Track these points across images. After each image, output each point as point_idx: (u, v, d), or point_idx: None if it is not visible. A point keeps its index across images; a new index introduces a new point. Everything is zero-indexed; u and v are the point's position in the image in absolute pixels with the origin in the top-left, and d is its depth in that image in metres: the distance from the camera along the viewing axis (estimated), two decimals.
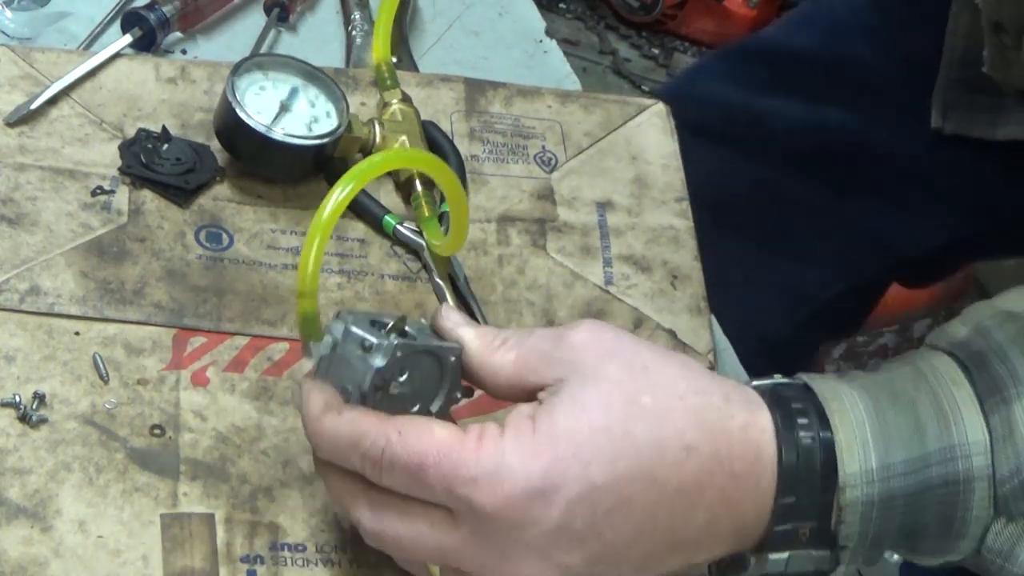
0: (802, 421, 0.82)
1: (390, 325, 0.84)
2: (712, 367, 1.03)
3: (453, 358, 0.85)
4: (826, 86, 1.35)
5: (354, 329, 0.83)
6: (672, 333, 1.04)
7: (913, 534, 0.83)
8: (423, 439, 0.80)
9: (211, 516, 0.89)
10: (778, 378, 0.85)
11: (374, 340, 0.83)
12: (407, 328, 0.84)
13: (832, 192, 1.36)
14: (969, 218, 1.35)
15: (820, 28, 1.39)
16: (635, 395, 0.80)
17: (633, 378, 0.81)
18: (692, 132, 1.19)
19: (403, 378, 0.84)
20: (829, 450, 0.81)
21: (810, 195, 1.36)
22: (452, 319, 0.86)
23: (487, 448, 0.79)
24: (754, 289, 1.14)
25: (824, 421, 0.82)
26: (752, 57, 1.42)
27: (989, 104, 1.25)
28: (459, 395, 0.86)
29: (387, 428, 0.80)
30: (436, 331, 0.86)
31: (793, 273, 1.38)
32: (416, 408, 0.85)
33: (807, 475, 0.81)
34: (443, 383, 0.85)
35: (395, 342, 0.83)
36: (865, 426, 0.82)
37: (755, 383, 0.84)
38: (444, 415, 0.85)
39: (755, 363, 1.10)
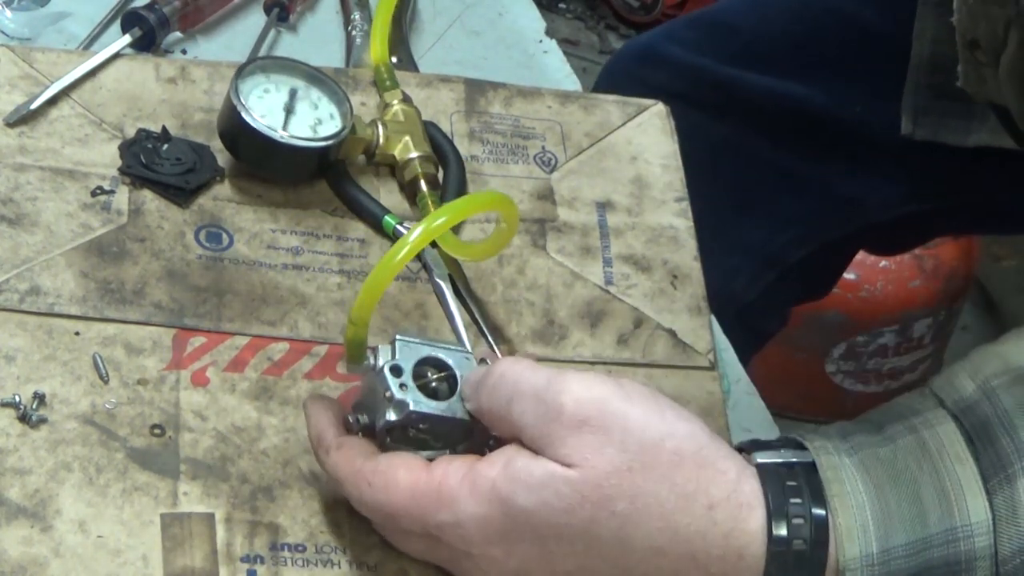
0: (796, 521, 0.81)
1: (431, 378, 0.86)
2: (712, 367, 1.03)
3: (479, 425, 0.86)
4: (795, 63, 1.35)
5: (385, 373, 0.86)
6: (672, 333, 1.04)
7: None
8: (388, 490, 0.84)
9: (211, 516, 0.89)
10: (787, 454, 0.84)
11: (395, 395, 0.85)
12: (451, 375, 0.87)
13: (801, 156, 1.35)
14: (940, 191, 1.35)
15: (789, 4, 1.38)
16: (608, 503, 0.80)
17: (618, 477, 0.80)
18: (657, 93, 1.18)
19: (423, 426, 0.86)
20: (822, 541, 0.81)
21: (778, 158, 1.36)
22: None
23: (444, 499, 0.82)
24: (722, 250, 1.13)
25: (820, 502, 0.81)
26: (722, 30, 1.40)
27: (960, 111, 1.25)
28: (491, 442, 0.86)
29: (358, 479, 0.85)
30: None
31: (762, 234, 1.37)
32: (439, 446, 0.86)
33: (795, 572, 0.81)
34: (470, 437, 0.87)
35: (410, 408, 0.85)
36: (866, 509, 0.81)
37: (760, 461, 0.83)
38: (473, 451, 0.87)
39: (725, 325, 1.10)
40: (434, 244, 0.99)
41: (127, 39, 1.10)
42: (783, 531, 0.81)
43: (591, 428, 0.80)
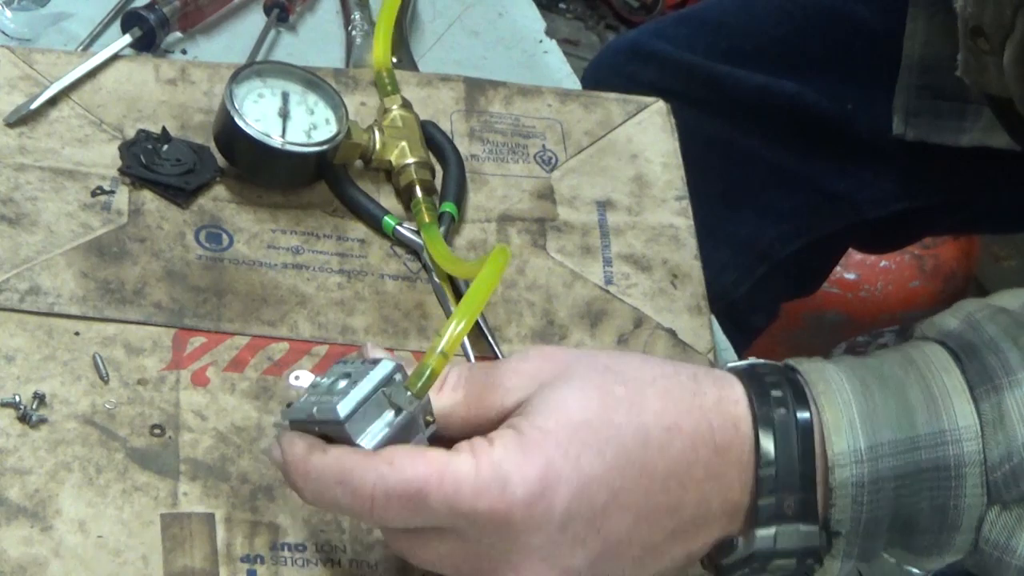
0: (776, 394, 0.82)
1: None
2: (712, 366, 1.03)
3: (397, 377, 0.82)
4: (785, 60, 1.35)
5: (314, 411, 0.82)
6: (672, 332, 1.04)
7: (907, 527, 0.83)
8: (418, 464, 0.79)
9: (211, 516, 0.89)
10: (754, 360, 0.85)
11: (332, 404, 0.82)
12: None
13: (791, 153, 1.35)
14: (931, 189, 1.35)
15: (779, 2, 1.38)
16: (607, 388, 0.81)
17: (600, 374, 0.81)
18: (648, 89, 1.18)
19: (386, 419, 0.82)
20: (806, 426, 0.81)
21: (769, 154, 1.36)
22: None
23: (482, 461, 0.79)
24: (712, 245, 1.13)
25: (800, 397, 0.82)
26: (711, 26, 1.40)
27: (953, 111, 1.25)
28: (431, 418, 0.83)
29: (375, 462, 0.79)
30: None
31: (751, 229, 1.37)
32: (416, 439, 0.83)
33: (784, 445, 0.81)
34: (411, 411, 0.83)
35: (337, 403, 0.81)
36: (852, 406, 0.82)
37: (730, 365, 0.84)
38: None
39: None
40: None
41: (127, 39, 1.10)
42: (766, 407, 0.82)
43: (556, 358, 0.83)
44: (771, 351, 1.50)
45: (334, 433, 0.81)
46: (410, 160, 1.06)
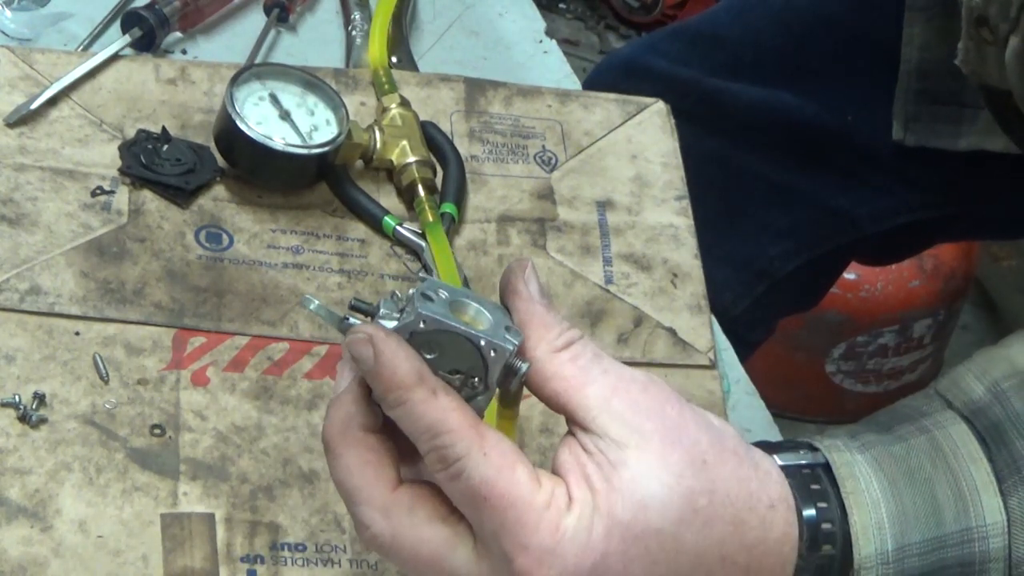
0: (826, 528, 0.80)
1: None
2: (712, 365, 1.03)
3: (493, 352, 0.76)
4: (783, 72, 1.34)
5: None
6: (672, 331, 1.04)
7: None
8: (503, 475, 0.75)
9: (211, 516, 0.89)
10: (803, 455, 0.82)
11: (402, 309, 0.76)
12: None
13: (792, 168, 1.34)
14: (932, 201, 1.34)
15: (775, 13, 1.37)
16: (692, 497, 0.78)
17: (694, 474, 0.78)
18: None
19: (434, 355, 0.76)
20: (846, 542, 0.80)
21: (767, 170, 1.35)
22: (527, 293, 0.79)
23: (551, 520, 0.76)
24: (712, 262, 1.12)
25: (843, 511, 0.81)
26: (706, 40, 1.39)
27: (950, 115, 1.24)
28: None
29: (477, 439, 0.75)
30: (504, 298, 0.78)
31: (751, 247, 1.37)
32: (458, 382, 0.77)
33: None
34: (482, 373, 0.77)
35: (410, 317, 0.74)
36: (881, 507, 0.81)
37: (781, 463, 0.82)
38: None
39: None
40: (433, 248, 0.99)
41: (127, 39, 1.10)
42: (816, 548, 0.80)
43: (664, 423, 0.78)
44: (771, 351, 1.51)
45: (453, 349, 0.75)
46: (411, 159, 1.06)
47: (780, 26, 1.35)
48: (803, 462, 0.82)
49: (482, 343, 0.76)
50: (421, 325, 0.75)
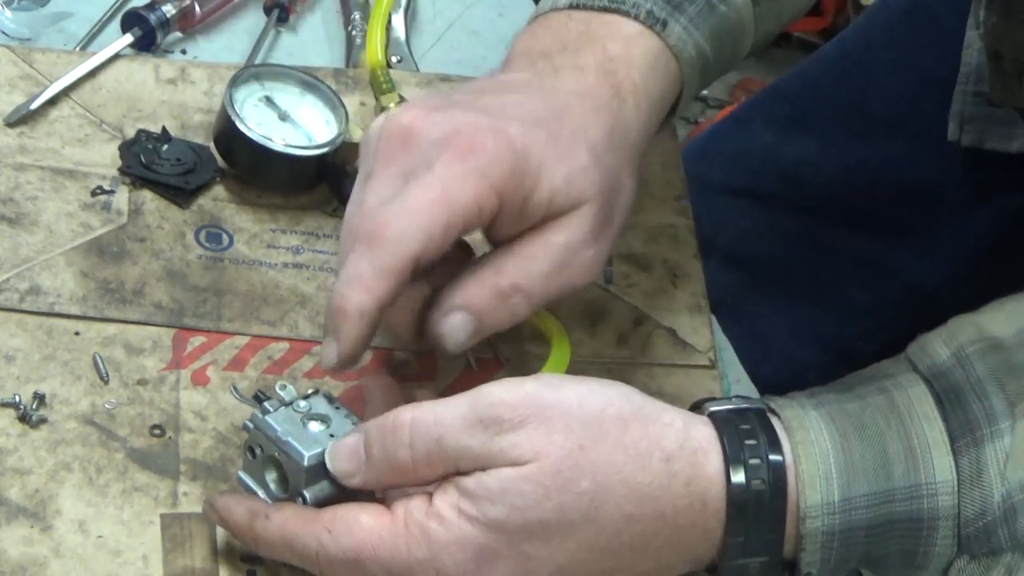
0: (753, 462, 0.81)
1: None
2: (712, 365, 1.03)
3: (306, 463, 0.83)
4: (843, 120, 1.34)
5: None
6: (672, 331, 1.04)
7: (875, 562, 0.84)
8: (353, 534, 0.80)
9: None
10: (738, 401, 0.84)
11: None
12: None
13: (864, 234, 1.34)
14: (996, 241, 1.33)
15: (837, 68, 1.38)
16: (568, 487, 0.80)
17: (572, 465, 0.80)
18: (719, 191, 1.18)
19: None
20: (780, 486, 0.81)
21: (843, 241, 1.34)
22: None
23: (414, 535, 0.80)
24: (795, 345, 1.13)
25: (775, 444, 0.82)
26: (771, 97, 1.40)
27: (1004, 118, 1.25)
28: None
29: (316, 528, 0.81)
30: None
31: (833, 326, 1.36)
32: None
33: (755, 518, 0.81)
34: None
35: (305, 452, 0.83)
36: (829, 457, 0.82)
37: (712, 409, 0.83)
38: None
39: None
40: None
41: (127, 39, 1.10)
42: (740, 476, 0.81)
43: (533, 423, 0.80)
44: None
45: (286, 465, 0.83)
46: None
47: (842, 77, 1.36)
48: (733, 407, 0.84)
49: (276, 454, 0.83)
50: (251, 426, 0.84)
